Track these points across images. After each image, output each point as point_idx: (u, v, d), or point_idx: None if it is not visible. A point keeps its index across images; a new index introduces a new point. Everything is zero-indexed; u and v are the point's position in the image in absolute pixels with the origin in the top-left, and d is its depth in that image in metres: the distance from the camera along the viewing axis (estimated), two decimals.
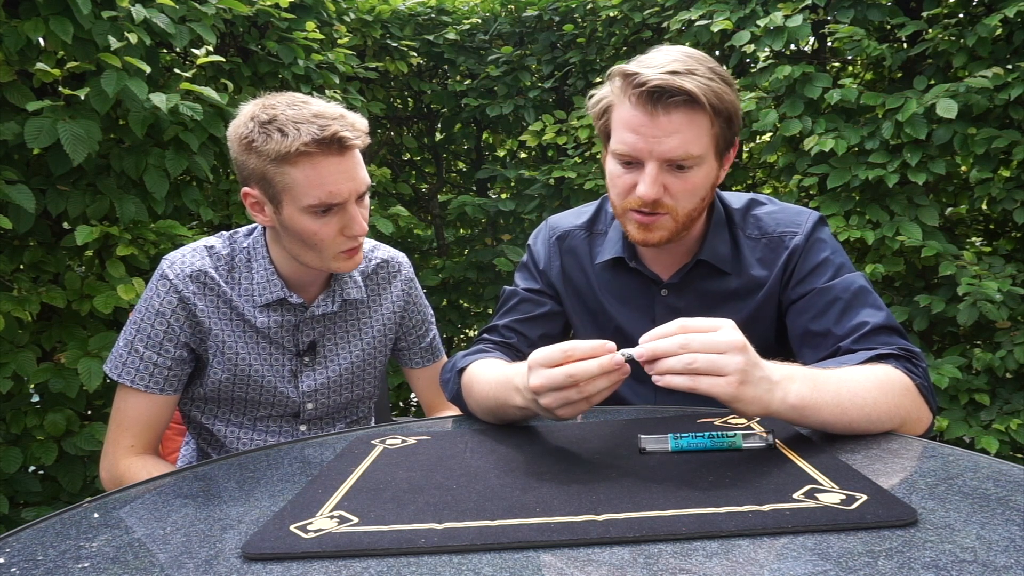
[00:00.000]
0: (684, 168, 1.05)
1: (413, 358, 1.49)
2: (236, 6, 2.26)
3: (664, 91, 1.01)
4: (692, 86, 1.00)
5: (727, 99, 1.05)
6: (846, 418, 0.86)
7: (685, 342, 0.77)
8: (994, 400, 2.48)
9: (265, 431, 1.32)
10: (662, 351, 0.78)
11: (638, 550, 0.60)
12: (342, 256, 1.20)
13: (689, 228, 1.13)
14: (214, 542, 0.68)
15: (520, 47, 3.59)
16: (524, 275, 1.33)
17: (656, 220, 1.08)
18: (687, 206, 1.08)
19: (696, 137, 1.03)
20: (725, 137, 1.08)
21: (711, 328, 0.79)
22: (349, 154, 1.14)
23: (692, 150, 1.03)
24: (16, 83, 1.83)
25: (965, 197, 2.98)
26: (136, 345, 1.21)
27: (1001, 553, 0.57)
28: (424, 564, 0.60)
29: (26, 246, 2.00)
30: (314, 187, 1.12)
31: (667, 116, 1.02)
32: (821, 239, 1.16)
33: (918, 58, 2.73)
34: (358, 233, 1.18)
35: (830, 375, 0.88)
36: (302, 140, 1.09)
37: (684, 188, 1.06)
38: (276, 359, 1.28)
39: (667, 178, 1.06)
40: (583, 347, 0.82)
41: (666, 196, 1.06)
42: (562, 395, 0.83)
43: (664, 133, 1.02)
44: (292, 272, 1.26)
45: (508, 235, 3.70)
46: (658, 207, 1.07)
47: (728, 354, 0.77)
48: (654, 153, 1.03)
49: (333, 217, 1.16)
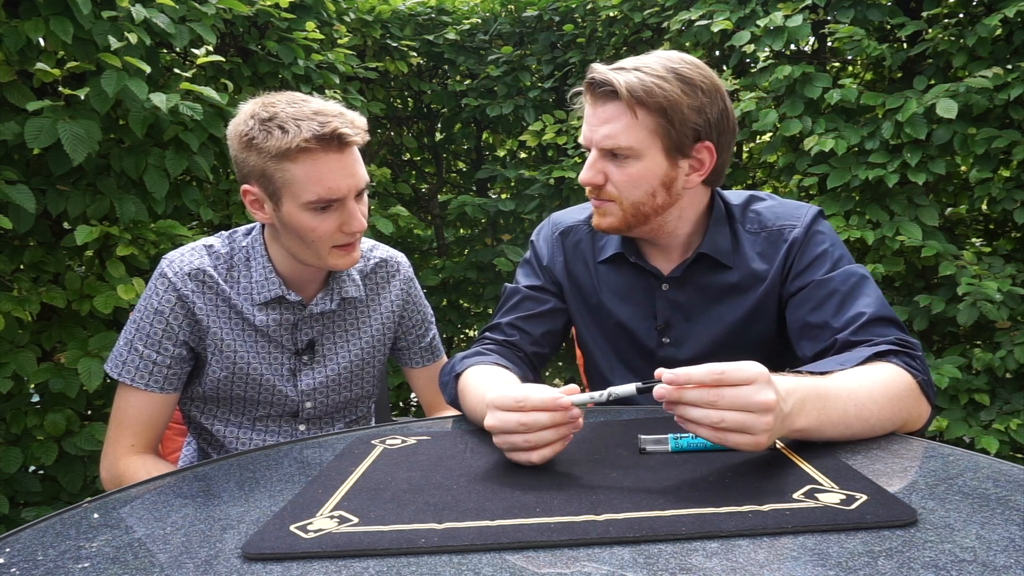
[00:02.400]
0: (618, 157, 1.11)
1: (413, 358, 1.49)
2: (236, 6, 2.26)
3: (596, 83, 1.09)
4: (620, 80, 1.06)
5: (668, 97, 1.06)
6: (849, 432, 0.86)
7: (715, 398, 0.74)
8: (994, 400, 2.48)
9: (264, 431, 1.32)
10: (690, 400, 0.75)
11: (638, 550, 0.60)
12: (338, 252, 1.20)
13: (645, 222, 1.15)
14: (214, 542, 0.68)
15: (520, 47, 3.59)
16: (526, 272, 1.33)
17: (603, 205, 1.16)
18: (630, 197, 1.13)
19: (625, 129, 1.08)
20: (671, 134, 1.08)
21: (743, 381, 0.74)
22: (349, 151, 1.15)
23: (621, 141, 1.09)
24: (16, 83, 1.83)
25: (965, 197, 2.98)
26: (136, 344, 1.22)
27: (1001, 553, 0.57)
28: (424, 564, 0.60)
29: (26, 246, 2.00)
30: (314, 183, 1.12)
31: (602, 107, 1.10)
32: (820, 232, 1.16)
33: (918, 58, 2.73)
34: (356, 229, 1.18)
35: (839, 392, 0.86)
36: (302, 136, 1.09)
37: (622, 178, 1.12)
38: (275, 358, 1.28)
39: (607, 167, 1.13)
40: (535, 399, 0.80)
41: (608, 184, 1.13)
42: (509, 440, 0.82)
43: (599, 122, 1.10)
44: (290, 270, 1.26)
45: (508, 235, 3.69)
46: (602, 194, 1.14)
47: (758, 414, 0.73)
48: (592, 141, 1.12)
49: (332, 214, 1.16)
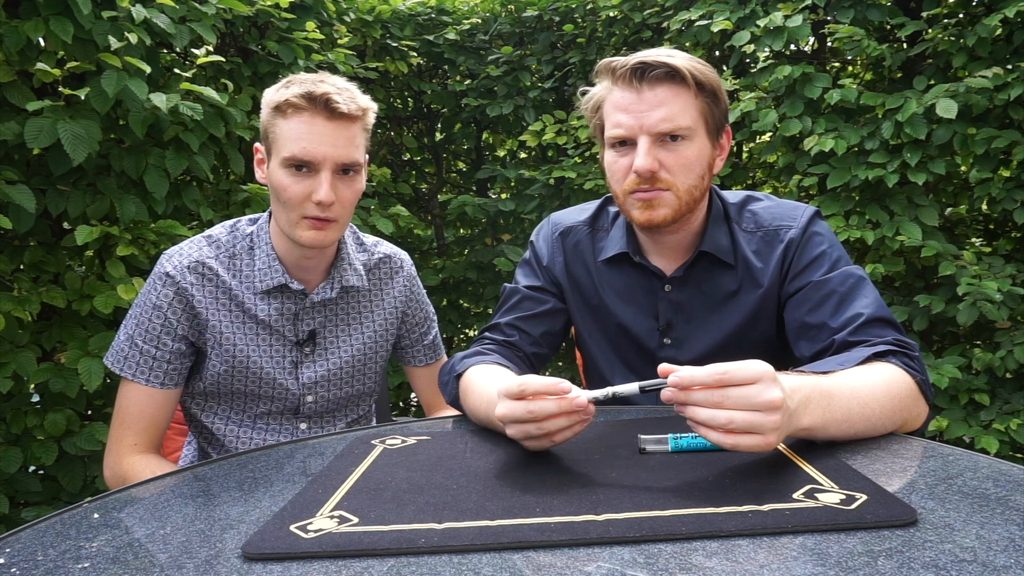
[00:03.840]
0: (675, 140, 1.09)
1: (416, 356, 1.49)
2: (236, 6, 2.26)
3: (647, 66, 1.07)
4: (673, 60, 1.07)
5: (711, 76, 1.10)
6: (853, 431, 0.86)
7: (721, 399, 0.73)
8: (994, 400, 2.48)
9: (265, 429, 1.32)
10: (697, 401, 0.74)
11: (638, 550, 0.60)
12: (307, 223, 1.18)
13: (693, 210, 1.14)
14: (214, 542, 0.68)
15: (520, 47, 3.59)
16: (526, 272, 1.33)
17: (657, 196, 1.11)
18: (686, 181, 1.11)
19: (682, 109, 1.08)
20: (713, 115, 1.11)
21: (748, 380, 0.73)
22: (339, 122, 1.16)
23: (680, 121, 1.07)
24: (16, 83, 1.83)
25: (965, 197, 2.98)
26: (135, 339, 1.22)
27: (1001, 553, 0.57)
28: (424, 564, 0.60)
29: (26, 246, 2.00)
30: (292, 140, 1.15)
31: (652, 91, 1.08)
32: (818, 233, 1.16)
33: (918, 58, 2.73)
34: (321, 198, 1.15)
35: (843, 390, 0.85)
36: (294, 92, 1.14)
37: (678, 162, 1.10)
38: (276, 350, 1.28)
39: (660, 152, 1.09)
40: (535, 384, 0.81)
41: (662, 171, 1.10)
42: (523, 429, 0.83)
43: (650, 107, 1.07)
44: (292, 257, 1.26)
45: (508, 235, 3.69)
46: (656, 182, 1.10)
47: (766, 413, 0.72)
48: (644, 127, 1.08)
49: (306, 179, 1.17)
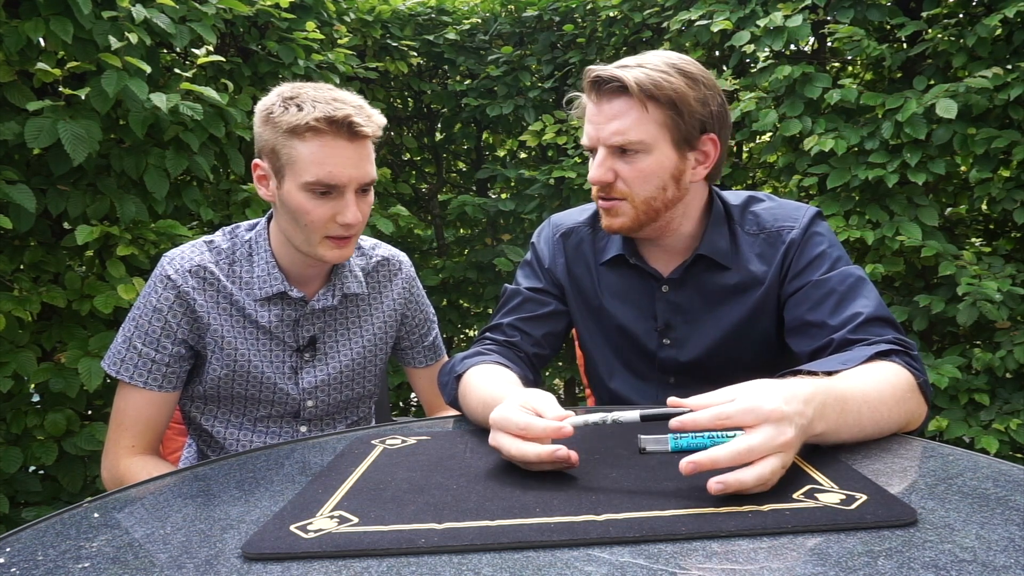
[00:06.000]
0: (628, 153, 1.11)
1: (416, 357, 1.49)
2: (236, 6, 2.26)
3: (602, 80, 1.10)
4: (627, 75, 1.07)
5: (670, 88, 1.08)
6: (863, 434, 0.86)
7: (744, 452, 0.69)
8: (994, 400, 2.48)
9: (265, 432, 1.31)
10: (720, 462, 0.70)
11: (638, 550, 0.60)
12: (329, 243, 1.19)
13: (656, 218, 1.15)
14: (214, 542, 0.68)
15: (520, 47, 3.59)
16: (527, 273, 1.33)
17: (614, 205, 1.15)
18: (642, 193, 1.12)
19: (635, 123, 1.09)
20: (679, 126, 1.10)
21: (753, 423, 0.70)
22: (359, 143, 1.16)
23: (631, 136, 1.09)
24: (16, 83, 1.83)
25: (965, 197, 2.98)
26: (134, 342, 1.21)
27: (1001, 553, 0.57)
28: (424, 564, 0.60)
29: (26, 246, 2.00)
30: (315, 164, 1.13)
31: (608, 103, 1.10)
32: (818, 232, 1.17)
33: (918, 58, 2.72)
34: (349, 221, 1.16)
35: (855, 394, 0.84)
36: (314, 115, 1.12)
37: (632, 174, 1.12)
38: (276, 355, 1.28)
39: (617, 164, 1.12)
40: (538, 427, 0.78)
41: (619, 182, 1.13)
42: (511, 457, 0.81)
43: (605, 119, 1.10)
44: (292, 265, 1.26)
45: (508, 235, 3.69)
46: (612, 192, 1.14)
47: (781, 455, 0.70)
48: (600, 139, 1.11)
49: (329, 201, 1.16)
